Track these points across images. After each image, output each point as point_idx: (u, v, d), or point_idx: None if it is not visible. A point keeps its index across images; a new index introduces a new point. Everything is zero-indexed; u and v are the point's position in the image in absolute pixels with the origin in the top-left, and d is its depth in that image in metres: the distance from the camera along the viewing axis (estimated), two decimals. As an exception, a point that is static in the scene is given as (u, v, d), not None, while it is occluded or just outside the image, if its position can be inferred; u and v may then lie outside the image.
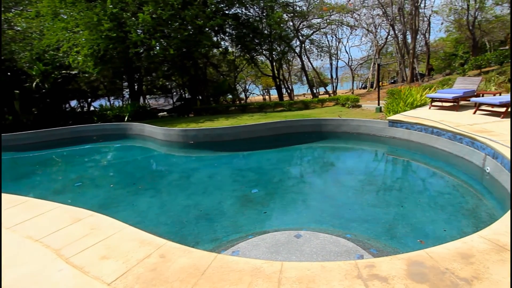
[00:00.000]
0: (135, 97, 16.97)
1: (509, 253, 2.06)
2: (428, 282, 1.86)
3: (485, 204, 3.97)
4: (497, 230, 2.35)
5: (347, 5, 20.63)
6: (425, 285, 1.83)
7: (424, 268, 1.99)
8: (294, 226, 3.63)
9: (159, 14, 11.55)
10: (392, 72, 33.54)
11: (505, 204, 3.59)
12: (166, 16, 11.58)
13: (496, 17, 21.26)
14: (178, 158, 8.49)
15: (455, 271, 1.93)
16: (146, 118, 14.26)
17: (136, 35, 11.58)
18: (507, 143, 4.40)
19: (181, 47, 12.84)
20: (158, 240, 2.62)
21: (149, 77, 19.67)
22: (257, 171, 6.34)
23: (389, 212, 4.01)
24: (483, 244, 2.19)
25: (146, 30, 11.89)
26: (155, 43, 12.09)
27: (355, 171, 6.06)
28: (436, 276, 1.90)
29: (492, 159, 4.47)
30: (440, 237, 3.20)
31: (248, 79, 31.39)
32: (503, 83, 9.46)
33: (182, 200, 4.89)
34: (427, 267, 2.00)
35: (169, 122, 11.76)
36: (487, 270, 1.92)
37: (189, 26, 12.77)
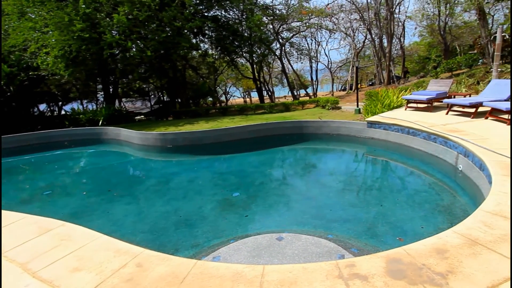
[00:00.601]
0: (110, 100, 16.42)
1: (482, 247, 2.17)
2: (406, 278, 1.92)
3: (459, 201, 4.18)
4: (469, 225, 2.48)
5: (325, 9, 21.17)
6: (403, 282, 1.89)
7: (402, 265, 2.05)
8: (276, 229, 3.63)
9: (135, 15, 11.29)
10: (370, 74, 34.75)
11: (476, 200, 3.80)
12: (142, 17, 11.34)
13: (465, 23, 22.66)
14: (156, 163, 8.29)
15: (431, 267, 2.00)
16: (122, 122, 13.83)
17: (111, 36, 11.24)
18: (477, 142, 4.67)
19: (158, 49, 12.61)
20: (135, 249, 2.53)
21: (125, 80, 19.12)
22: (238, 174, 6.31)
23: (369, 211, 4.12)
24: (457, 239, 2.29)
25: (122, 31, 11.57)
26: (131, 45, 11.79)
27: (336, 172, 6.19)
28: (414, 272, 1.96)
29: (464, 157, 4.73)
30: (418, 233, 3.33)
31: (228, 82, 31.35)
32: (472, 85, 10.06)
33: (160, 206, 4.77)
34: (405, 264, 2.06)
35: (146, 126, 11.47)
36: (460, 264, 2.01)
37: (167, 27, 12.58)
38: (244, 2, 15.07)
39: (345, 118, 8.93)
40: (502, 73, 9.35)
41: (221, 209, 4.52)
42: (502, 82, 7.20)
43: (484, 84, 9.22)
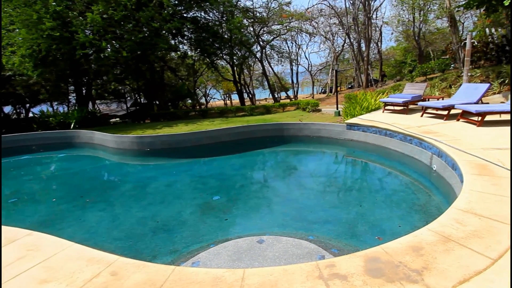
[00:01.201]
0: (83, 102, 15.79)
1: (454, 243, 2.28)
2: (384, 276, 1.97)
3: (433, 199, 4.38)
4: (443, 222, 2.60)
5: (305, 13, 21.62)
6: (381, 280, 1.94)
7: (380, 263, 2.11)
8: (257, 232, 3.63)
9: (110, 14, 10.97)
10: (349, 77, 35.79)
11: (449, 198, 3.99)
12: (118, 17, 11.04)
13: (437, 29, 23.96)
14: (132, 167, 8.05)
15: (408, 264, 2.08)
16: (96, 125, 13.34)
17: (84, 35, 10.85)
18: (449, 143, 4.92)
19: (135, 50, 12.32)
20: (109, 257, 2.43)
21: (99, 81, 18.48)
22: (218, 178, 6.26)
23: (349, 212, 4.22)
24: (431, 237, 2.39)
25: (96, 31, 11.20)
26: (105, 45, 11.43)
27: (316, 174, 6.29)
28: (391, 270, 2.03)
29: (438, 158, 4.97)
30: (396, 232, 3.45)
31: (208, 84, 31.14)
32: (445, 88, 10.62)
33: (137, 212, 4.63)
34: (383, 262, 2.12)
35: (122, 129, 11.13)
36: (435, 260, 2.09)
37: (144, 28, 12.33)
38: (224, 4, 15.08)
39: (325, 121, 9.12)
40: (472, 77, 9.94)
41: (201, 213, 4.45)
42: (472, 86, 7.67)
43: (456, 88, 9.78)
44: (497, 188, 3.13)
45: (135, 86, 19.41)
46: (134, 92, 21.21)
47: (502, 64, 10.05)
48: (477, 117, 6.15)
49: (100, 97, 21.31)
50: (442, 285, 1.84)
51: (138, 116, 16.25)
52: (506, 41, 10.82)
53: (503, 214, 2.62)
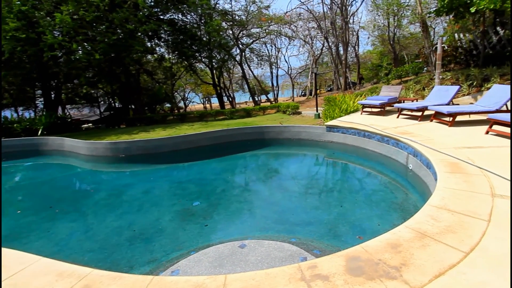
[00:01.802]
0: (51, 107, 15.09)
1: (430, 239, 2.39)
2: (364, 274, 2.03)
3: (410, 197, 4.56)
4: (419, 219, 2.71)
5: (284, 17, 22.01)
6: (361, 278, 1.99)
7: (360, 262, 2.17)
8: (238, 236, 3.61)
9: (81, 15, 10.61)
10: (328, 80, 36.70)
11: (425, 196, 4.18)
12: (90, 18, 10.71)
13: (411, 34, 25.19)
14: (106, 175, 7.76)
15: (387, 261, 2.14)
16: (66, 131, 12.78)
17: (52, 37, 10.42)
18: (424, 143, 5.16)
19: (109, 52, 11.97)
20: (81, 270, 2.32)
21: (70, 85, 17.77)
22: (198, 183, 6.18)
23: (330, 213, 4.30)
24: (408, 234, 2.49)
25: (66, 32, 10.79)
26: (76, 47, 11.03)
27: (297, 176, 6.37)
28: (371, 268, 2.08)
29: (413, 157, 5.19)
30: (375, 231, 3.55)
31: (187, 87, 30.80)
32: (419, 91, 11.15)
33: (112, 221, 4.46)
34: (363, 261, 2.18)
35: (95, 135, 10.73)
36: (412, 256, 2.18)
37: (118, 29, 12.03)
38: (202, 7, 15.04)
39: (305, 123, 9.28)
40: (443, 80, 10.52)
41: (180, 220, 4.37)
42: (443, 88, 8.10)
43: (429, 90, 10.29)
44: (468, 185, 3.32)
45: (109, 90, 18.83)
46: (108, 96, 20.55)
47: (470, 68, 10.72)
48: (449, 118, 6.50)
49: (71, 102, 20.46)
50: (419, 280, 1.92)
51: (112, 121, 15.74)
52: (473, 45, 11.57)
53: (474, 209, 2.77)
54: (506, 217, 2.60)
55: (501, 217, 2.61)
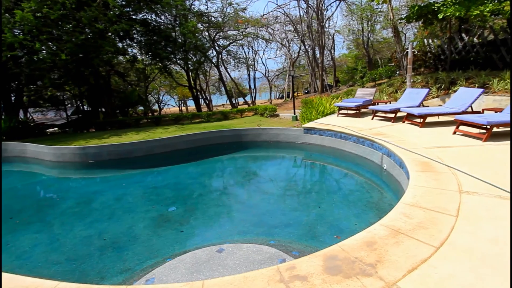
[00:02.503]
0: (12, 110, 14.18)
1: (403, 236, 2.50)
2: (342, 273, 2.08)
3: (385, 196, 4.75)
4: (393, 217, 2.83)
5: (261, 19, 22.25)
6: (339, 276, 2.04)
7: (338, 261, 2.22)
8: (216, 241, 3.57)
9: (45, 13, 10.10)
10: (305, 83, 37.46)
11: (398, 194, 4.37)
12: (55, 16, 10.22)
13: (384, 39, 26.37)
14: (75, 182, 7.40)
15: (363, 259, 2.22)
16: (28, 136, 12.06)
17: (12, 35, 9.82)
18: (397, 143, 5.40)
19: (76, 52, 11.48)
20: (47, 283, 2.19)
21: (33, 87, 16.78)
22: (174, 187, 6.06)
23: (308, 214, 4.38)
24: (383, 231, 2.59)
25: (27, 31, 10.22)
26: (40, 46, 10.46)
27: (276, 178, 6.43)
28: (348, 266, 2.14)
29: (387, 157, 5.41)
30: (353, 230, 3.66)
31: (162, 90, 30.18)
32: (392, 93, 11.67)
33: (80, 231, 4.25)
34: (341, 259, 2.24)
35: (62, 140, 10.21)
36: (387, 253, 2.27)
37: (86, 29, 11.58)
38: (177, 8, 14.85)
39: (283, 125, 9.40)
40: (414, 83, 11.09)
41: (155, 226, 4.25)
42: (414, 90, 8.54)
43: (401, 92, 10.80)
44: (438, 182, 3.51)
45: (76, 92, 18.02)
46: (76, 98, 19.64)
47: (439, 71, 11.39)
48: (420, 119, 6.86)
49: (34, 105, 19.31)
50: (393, 275, 2.00)
51: (81, 125, 15.06)
52: (441, 51, 12.33)
53: (443, 205, 2.94)
54: (472, 212, 2.78)
55: (468, 212, 2.79)
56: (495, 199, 3.00)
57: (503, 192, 3.12)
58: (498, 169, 3.77)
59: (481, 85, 8.47)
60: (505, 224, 2.55)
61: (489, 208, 2.83)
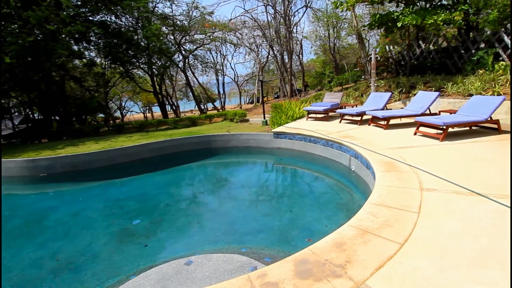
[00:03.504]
0: None
1: (371, 235, 2.60)
2: (312, 276, 2.11)
3: (354, 197, 4.94)
4: (360, 217, 2.94)
5: (228, 24, 22.36)
6: (310, 280, 2.07)
7: (308, 264, 2.26)
8: (184, 253, 3.47)
9: (-15, 11, 9.36)
10: (275, 87, 38.13)
11: (366, 194, 4.56)
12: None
13: (349, 45, 27.72)
14: (23, 198, 6.82)
15: (333, 260, 2.27)
16: (-32, 149, 10.95)
17: None
18: (363, 145, 5.66)
19: (23, 55, 10.72)
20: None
21: (-27, 93, 15.36)
22: (139, 199, 5.82)
23: (280, 218, 4.42)
24: (352, 231, 2.68)
25: (-38, 30, 9.39)
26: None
27: (247, 184, 6.43)
28: (318, 269, 2.19)
29: (355, 159, 5.64)
30: (324, 232, 3.74)
31: (124, 95, 29.06)
32: (358, 97, 12.26)
33: (29, 253, 3.91)
34: (311, 263, 2.28)
35: (8, 152, 9.41)
36: (355, 253, 2.35)
37: (36, 30, 10.87)
38: (139, 10, 14.46)
39: (253, 130, 9.46)
40: (378, 87, 11.75)
41: (117, 242, 4.04)
42: (378, 94, 9.04)
43: (366, 96, 11.39)
44: (401, 181, 3.72)
45: (25, 99, 16.76)
46: (24, 106, 18.26)
47: (400, 76, 12.18)
48: (384, 121, 7.26)
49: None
50: (362, 274, 2.07)
51: (30, 135, 13.98)
52: (401, 56, 13.22)
53: (406, 203, 3.11)
54: (433, 208, 2.98)
55: (429, 208, 2.98)
56: (452, 195, 3.24)
57: (459, 188, 3.38)
58: (453, 167, 4.09)
59: (437, 88, 9.18)
60: (461, 217, 2.76)
61: (447, 204, 3.05)
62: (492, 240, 2.39)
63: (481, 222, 2.63)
